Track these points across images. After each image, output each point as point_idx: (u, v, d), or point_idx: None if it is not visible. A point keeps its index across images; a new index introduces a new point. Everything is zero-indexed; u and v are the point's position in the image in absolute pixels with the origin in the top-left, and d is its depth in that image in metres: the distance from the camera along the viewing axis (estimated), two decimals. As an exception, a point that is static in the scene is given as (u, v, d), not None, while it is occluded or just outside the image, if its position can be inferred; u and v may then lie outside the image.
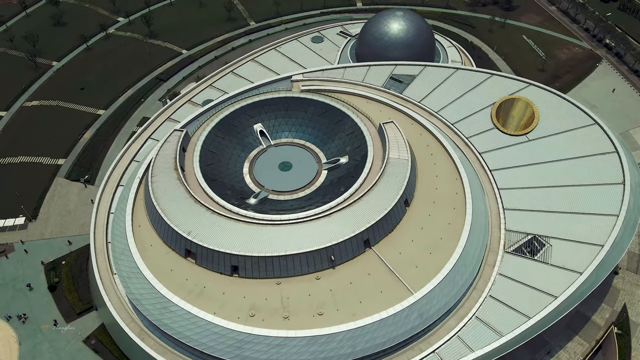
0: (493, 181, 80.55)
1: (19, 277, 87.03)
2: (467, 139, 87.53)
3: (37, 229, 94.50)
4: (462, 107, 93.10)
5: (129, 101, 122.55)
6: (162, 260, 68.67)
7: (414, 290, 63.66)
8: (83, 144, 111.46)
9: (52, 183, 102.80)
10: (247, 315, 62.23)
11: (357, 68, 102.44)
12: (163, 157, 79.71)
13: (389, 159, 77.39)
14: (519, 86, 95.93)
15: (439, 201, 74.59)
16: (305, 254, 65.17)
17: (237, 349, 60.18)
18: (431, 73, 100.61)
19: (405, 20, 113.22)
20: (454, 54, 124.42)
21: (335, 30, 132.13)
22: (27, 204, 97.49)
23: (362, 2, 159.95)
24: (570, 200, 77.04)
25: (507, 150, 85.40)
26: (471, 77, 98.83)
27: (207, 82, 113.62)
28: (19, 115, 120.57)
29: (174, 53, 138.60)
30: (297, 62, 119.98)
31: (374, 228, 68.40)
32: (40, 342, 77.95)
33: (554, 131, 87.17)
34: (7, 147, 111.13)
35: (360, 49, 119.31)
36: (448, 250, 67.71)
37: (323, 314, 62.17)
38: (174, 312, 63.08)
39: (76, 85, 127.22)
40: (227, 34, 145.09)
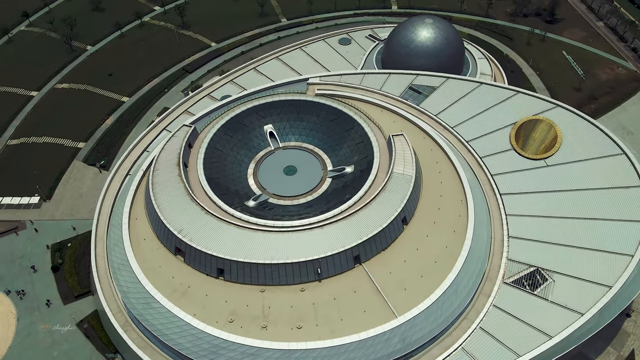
0: (502, 206, 76.70)
1: (27, 254, 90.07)
2: (481, 158, 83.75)
3: (50, 209, 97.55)
4: (481, 124, 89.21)
5: (153, 90, 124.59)
6: (152, 255, 69.20)
7: (398, 313, 61.42)
8: (104, 129, 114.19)
9: (70, 166, 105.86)
10: (226, 320, 61.78)
11: (376, 75, 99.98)
12: (167, 152, 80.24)
13: (392, 173, 74.99)
14: (545, 107, 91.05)
15: (439, 222, 71.69)
16: (291, 265, 64.03)
17: (212, 353, 59.84)
18: (453, 86, 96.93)
19: (434, 29, 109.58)
20: (485, 66, 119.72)
21: (365, 33, 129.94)
22: (43, 184, 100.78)
23: (397, 5, 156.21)
24: (582, 235, 72.40)
25: (521, 174, 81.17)
26: (495, 93, 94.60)
27: (228, 77, 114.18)
28: (49, 96, 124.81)
29: (203, 45, 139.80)
30: (320, 63, 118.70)
31: (365, 244, 66.43)
32: (37, 321, 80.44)
33: (576, 158, 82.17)
34: (33, 127, 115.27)
35: (385, 54, 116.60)
36: (441, 275, 64.93)
37: (302, 328, 60.95)
38: (155, 309, 63.44)
39: (105, 71, 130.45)
40: (257, 30, 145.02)
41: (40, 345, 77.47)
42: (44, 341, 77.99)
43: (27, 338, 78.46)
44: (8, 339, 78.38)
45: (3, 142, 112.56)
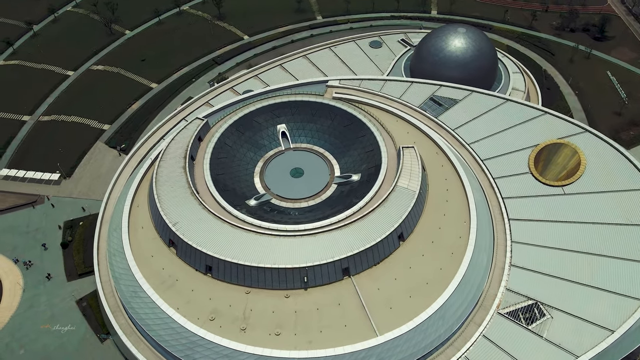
0: (508, 231, 73.14)
1: (41, 228, 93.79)
2: (494, 179, 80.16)
3: (68, 187, 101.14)
4: (500, 143, 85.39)
5: (181, 79, 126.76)
6: (147, 244, 70.32)
7: (379, 332, 59.75)
8: (129, 113, 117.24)
9: (92, 146, 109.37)
10: (207, 318, 62.03)
11: (397, 83, 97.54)
12: (177, 143, 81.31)
13: (396, 186, 72.95)
14: (572, 130, 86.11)
15: (438, 242, 69.17)
16: (277, 270, 63.46)
17: (189, 349, 60.25)
18: (476, 100, 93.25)
19: (466, 39, 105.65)
20: (518, 81, 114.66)
21: (398, 37, 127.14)
22: (65, 162, 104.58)
23: (437, 11, 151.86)
24: (591, 271, 68.00)
25: (535, 200, 77.12)
26: (520, 112, 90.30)
27: (253, 72, 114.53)
28: (84, 77, 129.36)
29: (236, 37, 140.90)
30: (347, 64, 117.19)
31: (356, 257, 64.97)
32: (40, 294, 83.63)
33: (597, 189, 77.23)
34: (64, 105, 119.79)
35: (414, 61, 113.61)
36: (430, 298, 62.62)
37: (280, 335, 60.36)
38: (141, 299, 64.49)
39: (139, 56, 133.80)
40: (291, 25, 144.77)
41: (40, 318, 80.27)
42: (44, 315, 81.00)
43: (29, 310, 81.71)
44: (12, 308, 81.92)
45: (36, 117, 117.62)
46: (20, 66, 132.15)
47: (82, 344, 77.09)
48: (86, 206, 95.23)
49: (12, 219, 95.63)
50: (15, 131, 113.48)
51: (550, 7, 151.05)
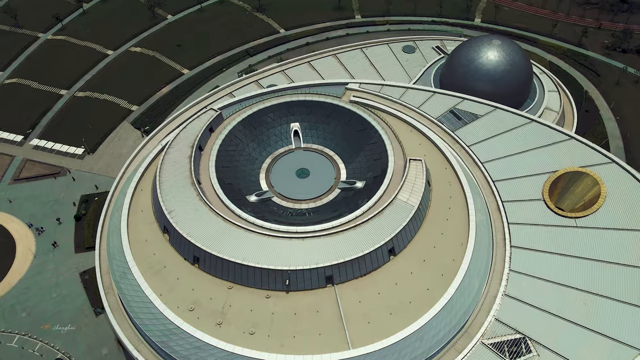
0: (508, 259, 69.90)
1: (59, 199, 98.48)
2: (503, 202, 76.68)
3: (90, 162, 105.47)
4: (516, 165, 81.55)
5: (212, 67, 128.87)
6: (143, 228, 72.13)
7: (352, 345, 58.74)
8: (158, 97, 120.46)
9: (118, 126, 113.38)
10: (186, 307, 63.03)
11: (419, 91, 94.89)
12: (187, 132, 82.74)
13: (395, 199, 71.25)
14: (598, 159, 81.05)
15: (430, 261, 67.04)
16: (260, 269, 63.54)
17: (165, 336, 61.48)
18: (499, 117, 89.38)
19: (500, 52, 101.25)
20: (554, 100, 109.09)
21: (433, 43, 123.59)
22: (91, 138, 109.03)
23: (481, 19, 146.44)
24: (592, 313, 63.90)
25: (543, 230, 73.22)
26: (544, 134, 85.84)
27: (281, 67, 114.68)
28: (122, 57, 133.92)
29: (272, 30, 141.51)
30: (376, 67, 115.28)
31: (340, 267, 64.04)
32: (49, 262, 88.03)
33: (613, 225, 72.37)
34: (99, 83, 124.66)
35: (444, 70, 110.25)
36: (411, 317, 60.85)
37: (254, 334, 60.50)
38: (128, 281, 66.32)
39: (176, 41, 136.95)
40: (329, 22, 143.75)
41: (45, 285, 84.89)
42: (49, 281, 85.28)
43: (36, 275, 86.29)
44: (21, 272, 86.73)
45: (72, 92, 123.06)
46: (66, 42, 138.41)
47: (78, 315, 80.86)
48: (102, 183, 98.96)
49: (34, 187, 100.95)
50: (51, 104, 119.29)
51: (603, 24, 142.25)
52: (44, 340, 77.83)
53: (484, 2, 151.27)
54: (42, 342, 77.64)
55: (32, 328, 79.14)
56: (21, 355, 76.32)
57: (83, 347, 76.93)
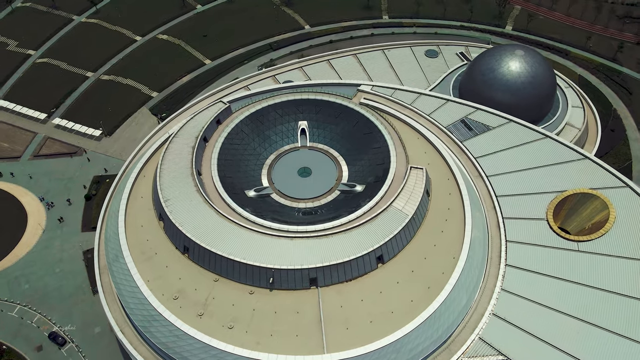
0: (500, 277, 67.89)
1: (74, 177, 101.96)
2: (504, 219, 74.44)
3: (106, 144, 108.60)
4: (522, 182, 79.03)
5: (234, 59, 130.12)
6: (141, 214, 73.71)
7: (327, 350, 58.47)
8: (178, 85, 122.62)
9: (137, 111, 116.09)
10: (171, 296, 64.17)
11: (431, 98, 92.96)
12: (194, 123, 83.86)
13: (390, 206, 70.28)
14: (611, 182, 77.67)
15: (418, 272, 65.86)
16: (245, 265, 63.96)
17: (147, 322, 62.87)
18: (512, 130, 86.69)
19: (522, 63, 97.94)
20: (577, 116, 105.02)
21: (457, 49, 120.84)
22: (110, 121, 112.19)
23: (512, 27, 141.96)
24: (585, 344, 61.32)
25: (541, 251, 70.73)
26: (557, 151, 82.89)
27: (299, 63, 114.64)
28: (149, 44, 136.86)
29: (297, 26, 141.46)
30: (395, 70, 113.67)
31: (325, 270, 63.73)
32: (56, 238, 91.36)
33: (618, 253, 69.19)
34: (124, 68, 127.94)
35: (464, 77, 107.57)
36: (391, 327, 59.96)
37: (232, 329, 61.00)
38: (120, 264, 68.04)
39: (202, 32, 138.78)
40: (355, 21, 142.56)
41: (49, 259, 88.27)
42: (54, 256, 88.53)
43: (43, 250, 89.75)
44: (29, 245, 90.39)
45: (97, 75, 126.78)
46: (98, 25, 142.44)
47: (77, 292, 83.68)
48: (114, 166, 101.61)
49: (52, 164, 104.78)
50: (77, 85, 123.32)
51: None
52: (42, 313, 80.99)
53: (517, 9, 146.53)
54: (40, 315, 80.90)
55: (32, 300, 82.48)
56: (20, 324, 79.71)
57: (78, 323, 79.67)
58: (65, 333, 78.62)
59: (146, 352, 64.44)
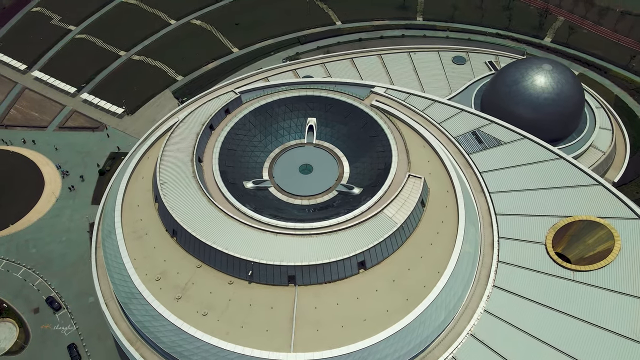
0: (484, 299, 65.65)
1: (92, 152, 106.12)
2: (499, 238, 71.88)
3: (126, 123, 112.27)
4: (526, 202, 75.96)
5: (261, 50, 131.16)
6: (139, 194, 75.78)
7: (294, 349, 58.55)
8: (203, 71, 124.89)
9: (161, 93, 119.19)
10: (154, 276, 65.87)
11: (445, 106, 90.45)
12: (203, 110, 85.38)
13: (380, 213, 69.32)
14: (622, 213, 73.56)
15: (399, 283, 64.69)
16: (226, 255, 64.76)
17: (128, 299, 64.93)
18: (524, 148, 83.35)
19: (548, 77, 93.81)
20: (603, 139, 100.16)
21: (487, 58, 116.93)
22: (133, 100, 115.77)
23: (552, 39, 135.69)
24: (561, 376, 59.00)
25: (534, 275, 67.81)
26: (569, 174, 79.14)
27: (322, 59, 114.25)
28: (181, 28, 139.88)
29: (328, 21, 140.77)
30: (418, 74, 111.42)
31: (304, 269, 63.62)
32: (67, 207, 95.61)
33: (617, 287, 65.40)
34: (155, 50, 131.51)
35: (487, 88, 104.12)
36: (361, 335, 59.23)
37: (206, 315, 62.01)
38: (111, 240, 70.42)
39: (235, 20, 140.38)
40: (387, 21, 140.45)
41: (58, 228, 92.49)
42: (62, 225, 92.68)
43: (54, 218, 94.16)
44: (42, 212, 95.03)
45: (129, 55, 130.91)
46: (137, 7, 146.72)
47: (78, 261, 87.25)
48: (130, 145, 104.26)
49: (74, 137, 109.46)
50: (108, 63, 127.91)
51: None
52: (44, 278, 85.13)
53: (559, 20, 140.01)
54: (42, 279, 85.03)
55: (37, 264, 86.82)
56: (22, 286, 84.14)
57: (75, 290, 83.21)
58: (61, 299, 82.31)
59: (126, 328, 66.60)
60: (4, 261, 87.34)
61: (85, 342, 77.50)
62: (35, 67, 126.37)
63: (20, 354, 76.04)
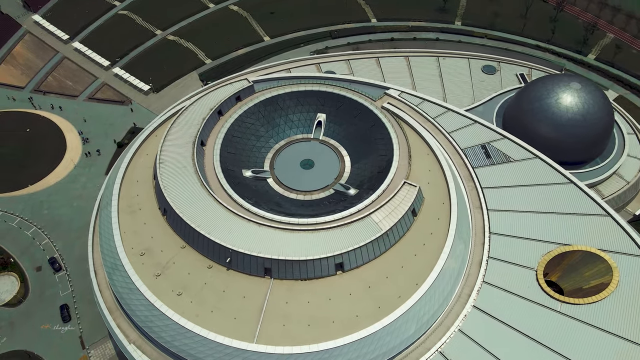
0: (461, 317, 63.68)
1: (115, 124, 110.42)
2: (489, 258, 69.38)
3: (150, 100, 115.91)
4: (526, 224, 72.79)
5: (291, 41, 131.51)
6: (140, 170, 78.14)
7: (257, 340, 59.01)
8: (231, 57, 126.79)
9: (188, 74, 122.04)
10: (138, 251, 67.81)
11: (459, 116, 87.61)
12: (214, 95, 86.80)
13: (367, 217, 68.52)
14: (628, 249, 69.43)
15: (374, 290, 63.78)
16: (207, 240, 65.93)
17: (111, 269, 67.46)
18: (534, 168, 79.77)
19: (575, 97, 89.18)
20: (630, 168, 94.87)
21: (520, 70, 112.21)
22: (160, 79, 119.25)
23: (596, 55, 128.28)
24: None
25: (517, 301, 65.00)
26: (577, 201, 75.24)
27: (347, 56, 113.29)
28: (219, 12, 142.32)
29: (363, 17, 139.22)
30: (443, 80, 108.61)
31: (280, 263, 63.91)
32: (83, 175, 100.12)
33: (602, 325, 61.82)
34: (189, 32, 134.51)
35: (512, 101, 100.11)
36: (325, 337, 58.84)
37: (180, 295, 63.41)
38: (107, 212, 73.08)
39: (271, 9, 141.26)
40: (424, 22, 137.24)
41: (71, 193, 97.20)
42: (75, 192, 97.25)
43: (69, 183, 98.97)
44: (59, 176, 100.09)
45: (164, 34, 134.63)
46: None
47: (85, 227, 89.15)
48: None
49: (100, 108, 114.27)
50: (144, 40, 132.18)
51: None
52: (51, 239, 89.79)
53: (608, 37, 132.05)
54: (49, 240, 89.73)
55: (46, 225, 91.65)
56: (30, 244, 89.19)
57: (76, 255, 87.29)
58: (63, 262, 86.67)
59: (109, 297, 69.31)
60: (18, 218, 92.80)
61: (77, 305, 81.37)
62: (77, 39, 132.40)
63: (17, 307, 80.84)
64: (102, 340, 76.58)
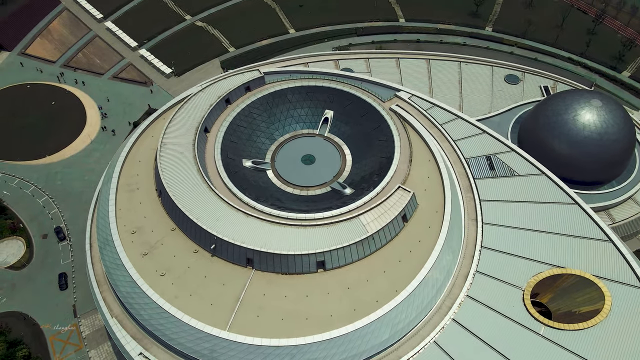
0: (438, 329, 62.46)
1: (134, 103, 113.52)
2: (476, 272, 67.69)
3: (171, 84, 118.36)
4: (520, 242, 70.74)
5: (316, 35, 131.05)
6: (143, 151, 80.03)
7: (230, 329, 59.85)
8: (254, 47, 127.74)
9: (210, 61, 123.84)
10: (130, 230, 69.92)
11: (468, 125, 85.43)
12: (224, 83, 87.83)
13: (355, 218, 68.12)
14: (625, 278, 66.70)
15: (353, 291, 63.53)
16: (195, 225, 67.09)
17: (103, 244, 69.87)
18: (539, 185, 77.20)
19: (594, 115, 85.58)
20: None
21: (545, 82, 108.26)
22: (182, 64, 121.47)
23: (631, 73, 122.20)
24: None
25: (499, 319, 63.33)
26: (580, 223, 72.60)
27: (367, 54, 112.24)
28: (248, 1, 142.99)
29: (392, 17, 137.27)
30: (462, 86, 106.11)
31: (261, 255, 64.50)
32: (97, 150, 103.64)
33: (586, 354, 59.37)
34: (216, 19, 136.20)
35: (530, 114, 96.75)
36: (296, 332, 59.17)
37: (164, 276, 65.08)
38: (107, 188, 75.25)
39: (300, 1, 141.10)
40: (453, 26, 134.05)
41: (84, 167, 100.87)
42: (88, 166, 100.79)
43: (84, 157, 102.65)
44: (76, 150, 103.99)
45: (193, 20, 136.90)
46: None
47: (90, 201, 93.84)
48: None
49: (123, 88, 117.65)
50: (173, 24, 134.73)
51: None
52: (60, 209, 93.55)
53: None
54: (58, 210, 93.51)
55: (58, 195, 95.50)
56: (40, 212, 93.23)
57: (81, 227, 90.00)
58: (67, 232, 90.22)
59: (100, 270, 71.66)
60: (33, 187, 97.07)
61: (75, 275, 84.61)
62: (110, 18, 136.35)
63: (20, 271, 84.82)
64: (93, 311, 79.32)
